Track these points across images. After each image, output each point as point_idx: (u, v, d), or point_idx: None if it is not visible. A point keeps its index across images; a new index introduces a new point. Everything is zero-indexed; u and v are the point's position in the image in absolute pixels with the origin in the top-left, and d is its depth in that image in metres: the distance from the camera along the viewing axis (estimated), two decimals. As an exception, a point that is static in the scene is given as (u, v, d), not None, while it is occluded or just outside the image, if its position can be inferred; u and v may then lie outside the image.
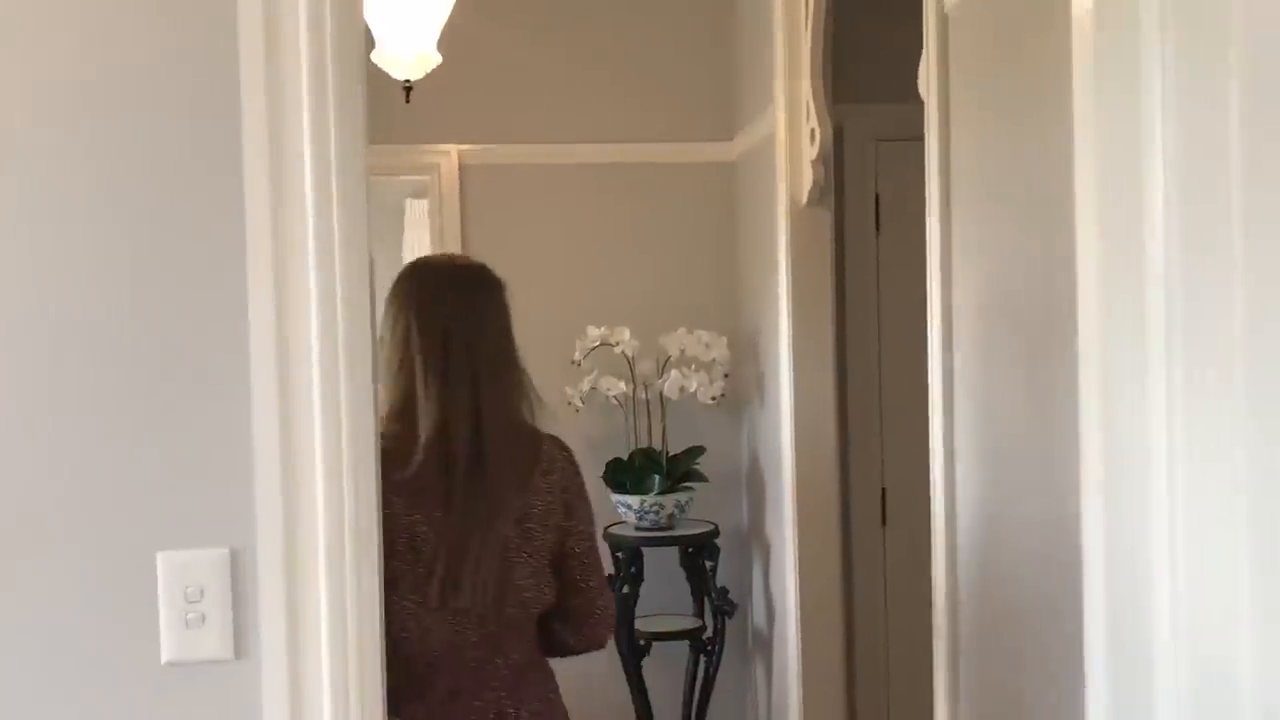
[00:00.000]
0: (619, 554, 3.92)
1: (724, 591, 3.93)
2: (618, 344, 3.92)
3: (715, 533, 3.95)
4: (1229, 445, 1.10)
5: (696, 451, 3.97)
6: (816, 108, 3.31)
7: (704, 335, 3.93)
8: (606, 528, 3.97)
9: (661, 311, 4.19)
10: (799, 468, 3.48)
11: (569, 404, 3.96)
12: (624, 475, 3.93)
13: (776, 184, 3.58)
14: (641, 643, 3.84)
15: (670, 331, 3.96)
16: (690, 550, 3.94)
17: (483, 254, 4.11)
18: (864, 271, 3.98)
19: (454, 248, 4.15)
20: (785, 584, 3.65)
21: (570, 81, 4.19)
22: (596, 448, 4.15)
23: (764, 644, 3.97)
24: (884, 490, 4.00)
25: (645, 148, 4.21)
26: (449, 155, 4.12)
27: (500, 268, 2.29)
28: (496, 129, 4.16)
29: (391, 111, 4.12)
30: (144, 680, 1.25)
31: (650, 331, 4.00)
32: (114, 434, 1.24)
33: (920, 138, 2.40)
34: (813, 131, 3.32)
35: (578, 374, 3.96)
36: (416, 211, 7.07)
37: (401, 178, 4.28)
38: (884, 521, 4.00)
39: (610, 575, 3.90)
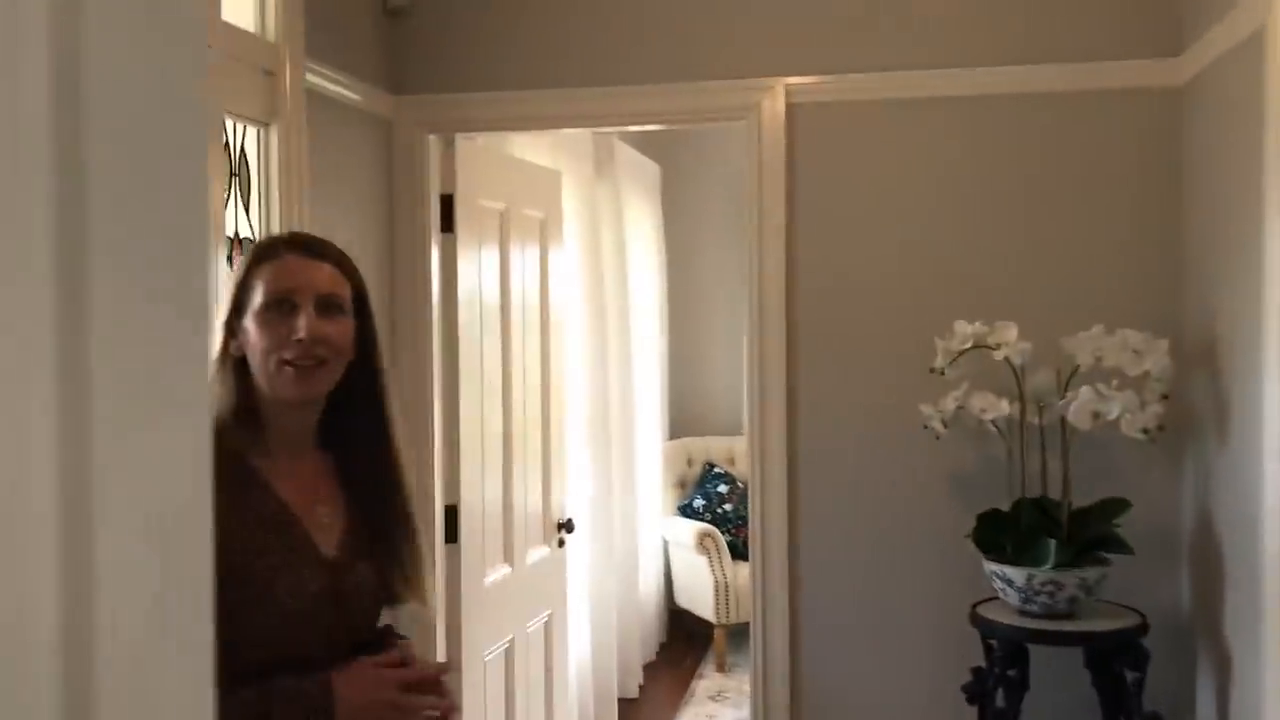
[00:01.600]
0: (992, 644, 2.74)
1: (1154, 717, 2.64)
2: (999, 347, 2.73)
3: (1141, 628, 2.66)
4: None
5: (1116, 507, 2.70)
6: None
7: (1132, 337, 2.66)
8: (974, 605, 2.80)
9: (1065, 302, 2.95)
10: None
11: (925, 427, 2.82)
12: (1003, 535, 2.73)
13: (1265, 112, 2.30)
14: (1023, 780, 2.63)
15: (1078, 331, 2.72)
16: (1101, 652, 2.68)
17: (815, 221, 3.09)
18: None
19: (777, 210, 3.12)
20: (1264, 714, 2.34)
21: (940, -13, 3.05)
22: (963, 492, 2.97)
23: (1215, 801, 2.65)
24: None
25: (1039, 71, 2.98)
26: (772, 91, 3.10)
27: (838, 238, 2.39)
28: (834, 55, 3.09)
29: (687, 42, 3.15)
30: None
31: (1047, 330, 2.79)
32: None
33: None
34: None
35: (939, 386, 2.81)
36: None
37: (705, 124, 3.28)
38: None
39: (977, 671, 2.73)
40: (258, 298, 1.66)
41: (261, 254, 1.70)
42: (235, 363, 1.67)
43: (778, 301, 3.12)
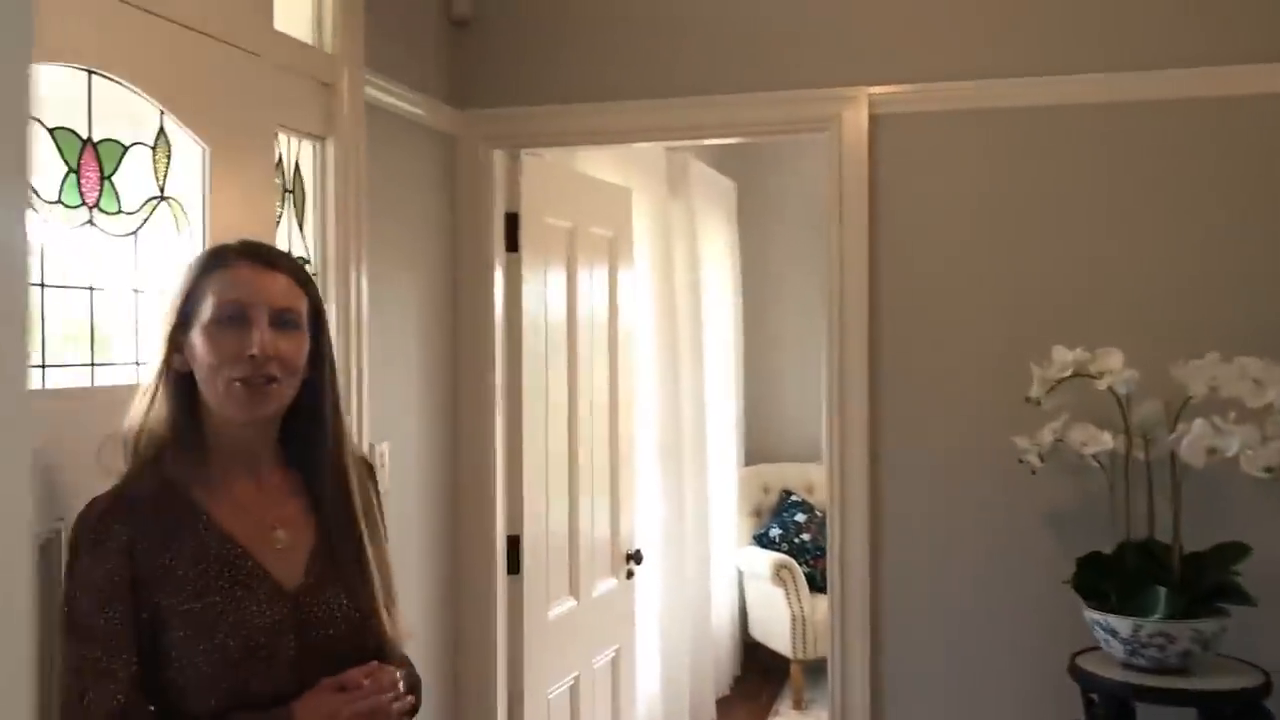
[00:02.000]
0: (1094, 698, 2.51)
1: (1277, 786, 2.39)
2: (1102, 375, 2.51)
3: (1264, 687, 2.41)
4: None
5: (1234, 552, 2.46)
6: None
7: (1251, 366, 2.42)
8: (1074, 656, 2.57)
9: (1175, 327, 2.72)
10: None
11: (1020, 461, 2.61)
12: (1106, 580, 2.51)
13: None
14: None
15: (1190, 359, 2.49)
16: (1219, 713, 2.44)
17: (900, 239, 2.90)
18: None
19: (859, 228, 2.93)
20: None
21: (1036, -11, 2.84)
22: (1061, 531, 2.75)
23: None
24: None
25: (1146, 78, 2.76)
26: (854, 101, 2.92)
27: (925, 257, 2.41)
28: (921, 61, 2.90)
29: (758, 49, 2.99)
30: None
31: (1155, 358, 2.56)
32: None
33: None
34: None
35: (1035, 417, 2.60)
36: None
37: (782, 136, 3.11)
38: None
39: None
40: (207, 310, 1.55)
41: (211, 262, 1.59)
42: (179, 379, 1.57)
43: (859, 324, 2.93)
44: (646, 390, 4.69)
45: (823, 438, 6.41)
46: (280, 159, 2.44)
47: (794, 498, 5.99)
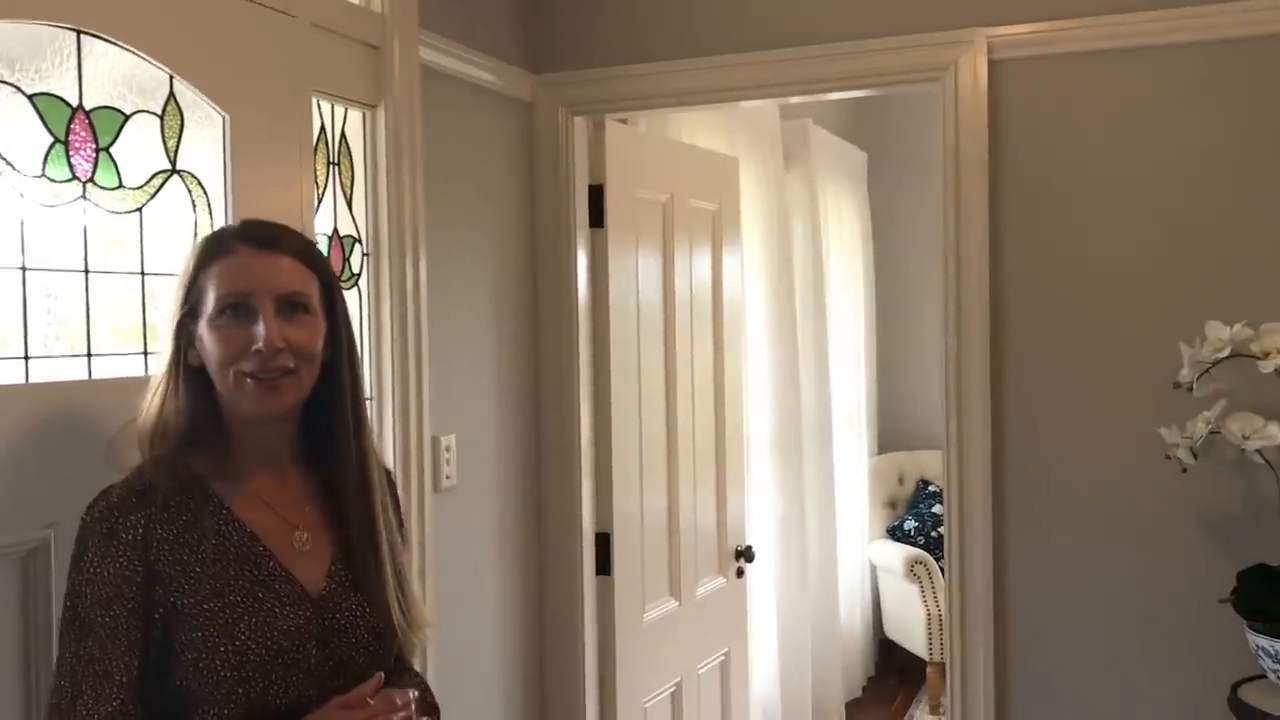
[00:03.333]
0: (1258, 735, 2.13)
1: None
2: (1268, 355, 2.11)
3: None
4: None
5: None
6: None
7: None
8: (1235, 686, 2.19)
9: (1360, 296, 2.29)
10: None
11: (1168, 457, 2.24)
12: (1274, 599, 2.11)
13: None
14: None
15: (1380, 333, 2.07)
16: None
17: (1025, 201, 2.53)
18: None
19: (978, 189, 2.58)
20: None
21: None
22: (1218, 539, 2.36)
23: None
24: None
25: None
26: (971, 46, 2.56)
27: (1054, 221, 2.25)
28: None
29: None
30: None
31: (1336, 332, 2.14)
32: None
33: None
34: None
35: (1185, 405, 2.22)
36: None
37: (888, 88, 2.77)
38: None
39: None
40: (209, 302, 1.43)
41: (210, 250, 1.46)
42: (192, 373, 1.45)
43: (979, 298, 2.57)
44: (759, 375, 4.40)
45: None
46: (323, 129, 2.25)
47: (931, 488, 5.60)
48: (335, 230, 2.29)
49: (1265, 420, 2.13)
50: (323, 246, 2.25)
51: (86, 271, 1.69)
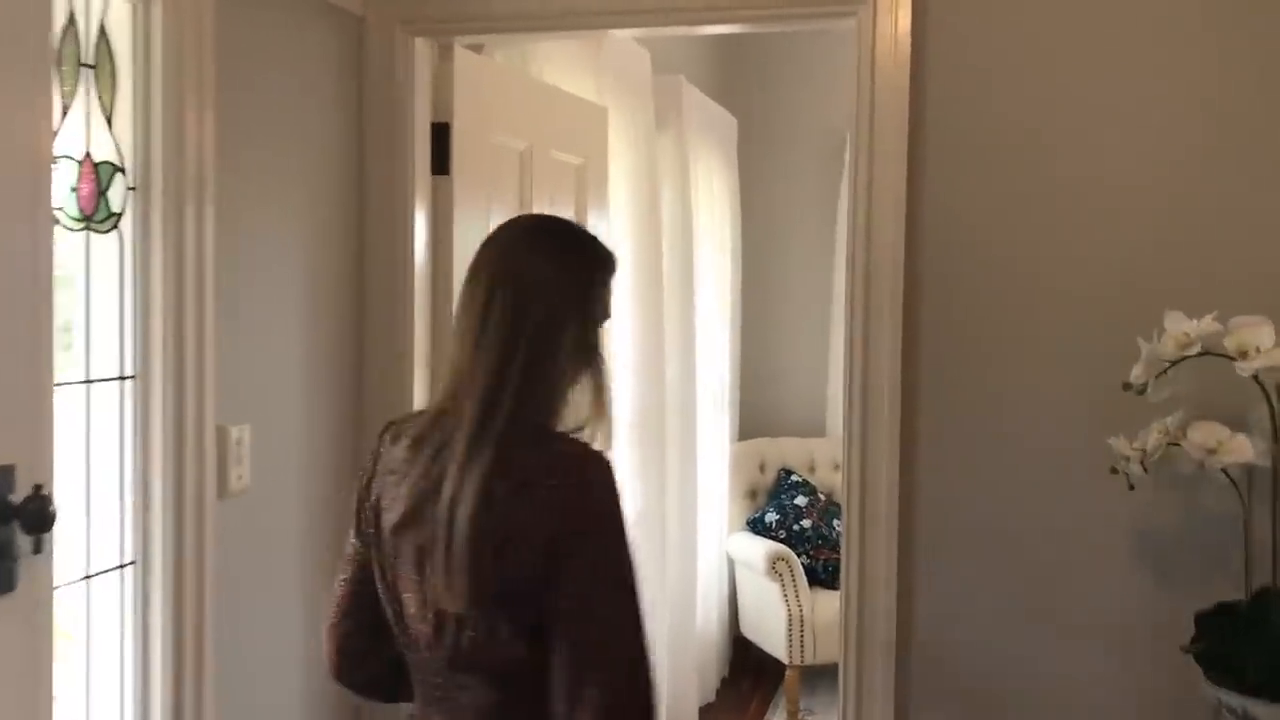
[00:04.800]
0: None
1: None
2: (1244, 355, 1.77)
3: None
4: None
5: None
6: None
7: None
8: (1181, 742, 1.86)
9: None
10: None
11: (1115, 470, 1.89)
12: (1240, 645, 1.78)
13: None
14: None
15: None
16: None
17: (953, 160, 2.14)
18: None
19: (893, 146, 2.18)
20: None
21: None
22: (1171, 572, 2.03)
23: None
24: None
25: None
26: (893, -24, 2.15)
27: (987, 184, 1.93)
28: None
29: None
30: None
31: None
32: None
33: None
34: None
35: (1137, 411, 1.87)
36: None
37: (799, 24, 2.34)
38: None
39: None
40: (600, 312, 1.52)
41: (611, 267, 1.56)
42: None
43: (892, 275, 2.18)
44: (622, 353, 3.95)
45: (828, 411, 5.75)
46: (72, 19, 1.69)
47: (794, 478, 5.28)
48: (87, 155, 1.74)
49: (1233, 432, 1.80)
50: (68, 173, 1.70)
51: None
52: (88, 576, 1.80)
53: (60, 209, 1.68)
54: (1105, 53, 2.08)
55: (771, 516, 5.11)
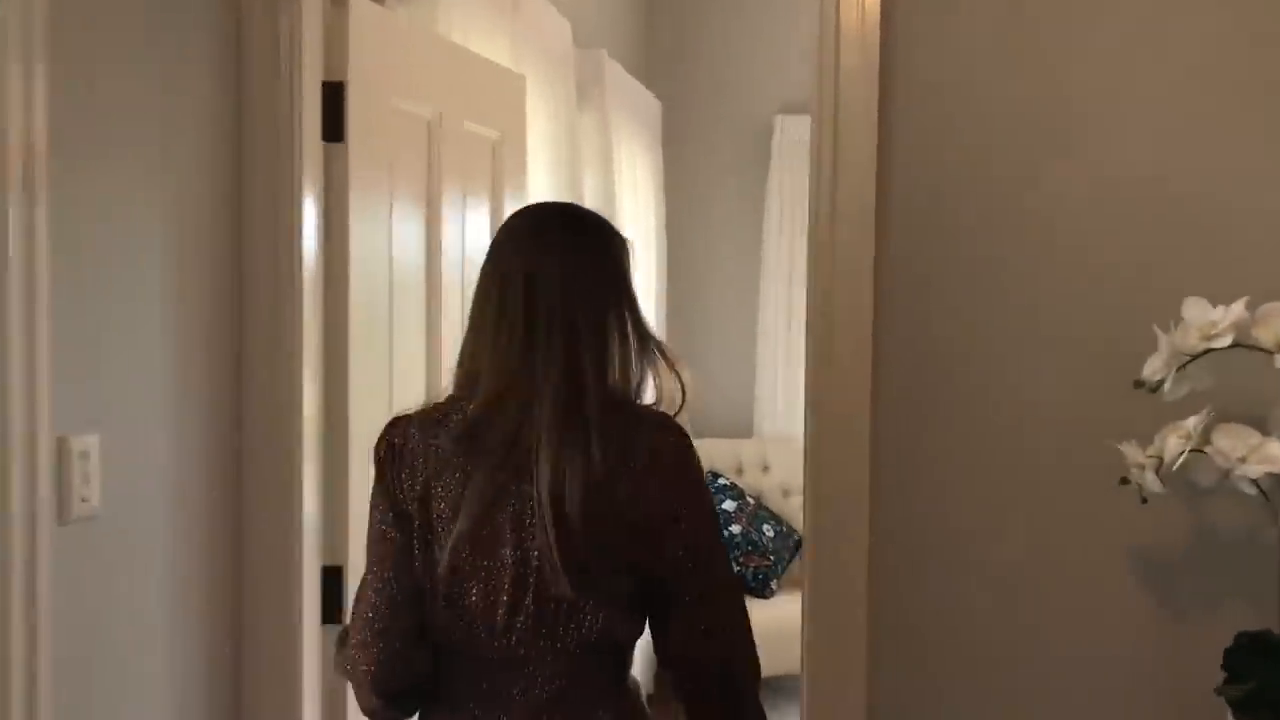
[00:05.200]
0: None
1: None
2: (1282, 346, 1.52)
3: None
4: None
5: None
6: None
7: None
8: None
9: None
10: None
11: (1125, 481, 1.63)
12: (1267, 674, 1.53)
13: None
14: None
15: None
16: None
17: (934, 130, 1.81)
18: None
19: (861, 119, 1.90)
20: None
21: None
22: (1194, 598, 1.77)
23: None
24: None
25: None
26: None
27: (968, 156, 1.76)
28: None
29: None
30: None
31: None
32: None
33: None
34: None
35: (1149, 412, 1.62)
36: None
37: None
38: None
39: None
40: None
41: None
42: None
43: (857, 258, 1.90)
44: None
45: (757, 410, 5.48)
46: None
47: (721, 480, 5.01)
48: None
49: (1261, 436, 1.55)
50: None
51: None
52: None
53: None
54: (1108, 18, 1.82)
55: (700, 523, 4.83)
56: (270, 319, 2.06)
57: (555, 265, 1.46)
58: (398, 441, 1.47)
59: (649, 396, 1.52)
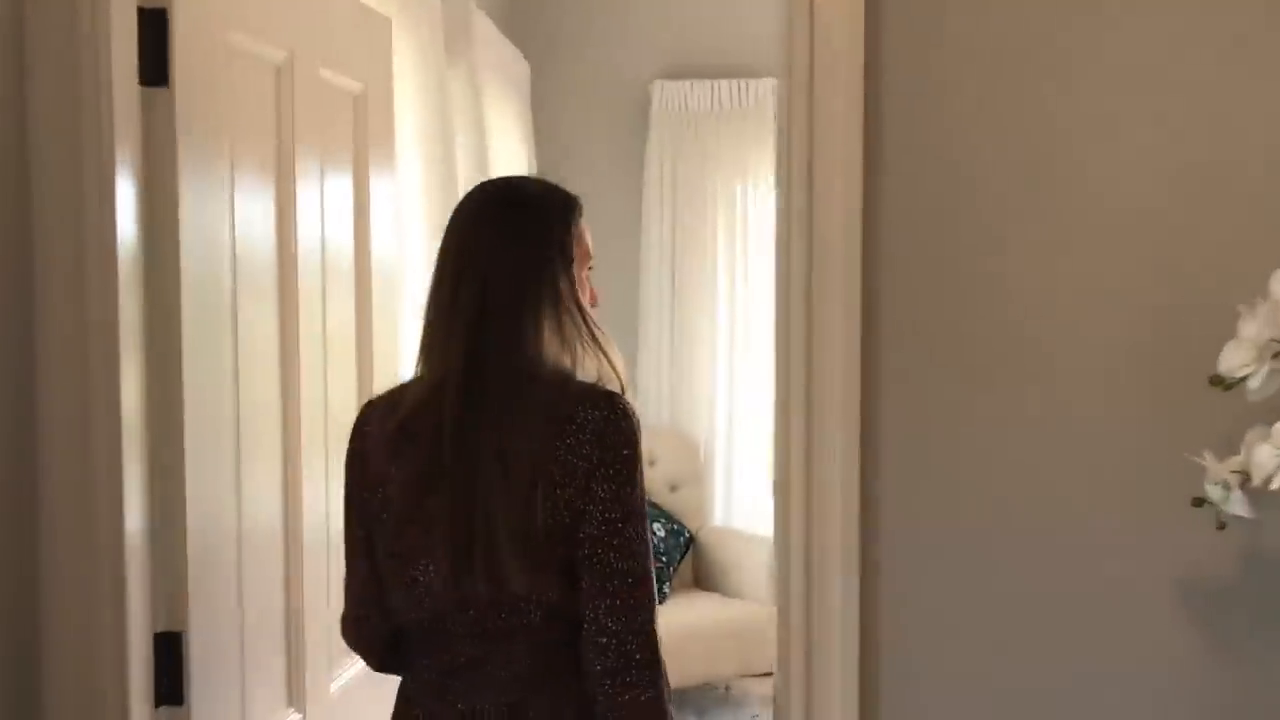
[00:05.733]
0: None
1: None
2: None
3: None
4: None
5: None
6: None
7: None
8: None
9: None
10: None
11: (1202, 502, 1.29)
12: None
13: None
14: None
15: None
16: None
17: (929, 100, 1.45)
18: None
19: (845, 90, 1.52)
20: None
21: None
22: (1224, 633, 1.45)
23: None
24: None
25: None
26: None
27: (984, 121, 1.49)
28: None
29: None
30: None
31: None
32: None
33: None
34: None
35: (1228, 418, 1.29)
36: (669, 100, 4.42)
37: None
38: None
39: None
40: (580, 255, 1.59)
41: (578, 210, 1.63)
42: None
43: (841, 240, 1.53)
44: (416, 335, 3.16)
45: (652, 402, 5.11)
46: None
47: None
48: None
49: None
50: None
51: None
52: None
53: None
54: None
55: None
56: (71, 291, 1.56)
57: (484, 245, 1.50)
58: (367, 428, 1.54)
59: (592, 374, 1.52)
